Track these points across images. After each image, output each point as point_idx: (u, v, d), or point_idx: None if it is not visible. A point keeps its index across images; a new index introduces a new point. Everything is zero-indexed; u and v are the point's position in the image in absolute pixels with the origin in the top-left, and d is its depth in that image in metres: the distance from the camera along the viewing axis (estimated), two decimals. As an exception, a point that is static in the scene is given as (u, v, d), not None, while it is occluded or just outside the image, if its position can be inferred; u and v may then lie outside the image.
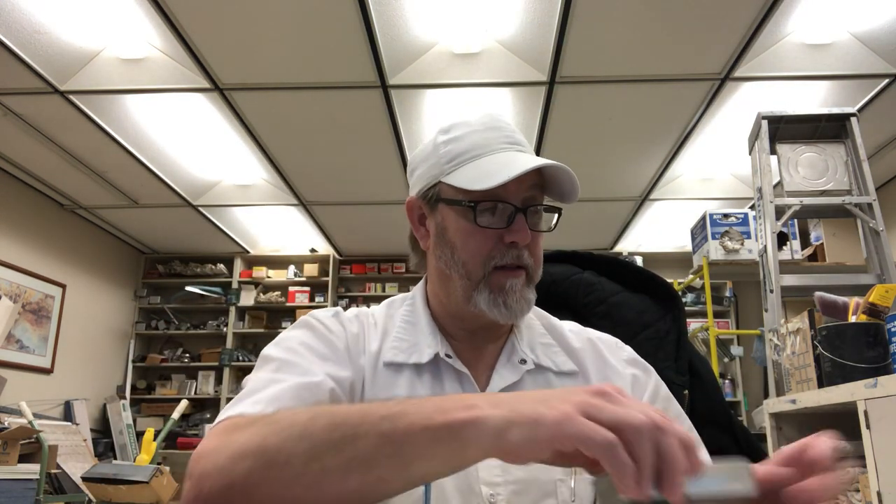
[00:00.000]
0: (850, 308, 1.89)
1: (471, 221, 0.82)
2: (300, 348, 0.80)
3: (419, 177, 0.91)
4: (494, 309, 0.82)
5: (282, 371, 0.75)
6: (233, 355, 6.18)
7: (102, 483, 2.67)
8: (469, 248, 0.83)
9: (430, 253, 0.90)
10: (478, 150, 0.84)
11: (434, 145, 0.88)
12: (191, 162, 4.47)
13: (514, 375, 0.85)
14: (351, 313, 0.91)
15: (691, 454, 0.48)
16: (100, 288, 5.78)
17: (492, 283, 0.83)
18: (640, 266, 1.30)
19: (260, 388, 0.72)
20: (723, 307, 6.00)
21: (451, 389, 0.84)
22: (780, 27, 3.08)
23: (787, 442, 2.00)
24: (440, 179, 0.86)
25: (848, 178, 2.57)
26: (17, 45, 3.11)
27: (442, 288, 0.88)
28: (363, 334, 0.88)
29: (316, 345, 0.82)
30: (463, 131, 0.87)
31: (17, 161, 4.39)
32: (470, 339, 0.89)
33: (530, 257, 0.84)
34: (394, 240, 6.14)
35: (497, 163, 0.82)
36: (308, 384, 0.74)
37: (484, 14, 3.00)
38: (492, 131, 0.86)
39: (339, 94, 3.59)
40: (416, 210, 0.92)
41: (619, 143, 4.11)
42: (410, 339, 0.87)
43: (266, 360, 0.79)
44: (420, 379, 0.84)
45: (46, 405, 4.84)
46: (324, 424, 0.56)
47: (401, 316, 0.91)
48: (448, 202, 0.85)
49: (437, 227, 0.88)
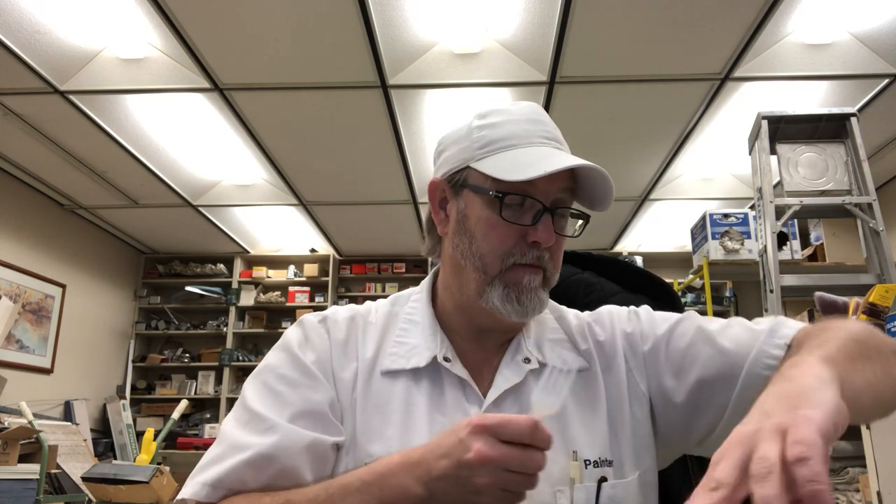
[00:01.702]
0: (850, 308, 1.89)
1: (495, 213, 0.79)
2: (275, 383, 0.80)
3: (447, 158, 0.86)
4: (507, 304, 0.80)
5: (248, 428, 0.77)
6: (233, 355, 6.18)
7: (102, 483, 2.67)
8: (489, 241, 0.80)
9: (447, 240, 0.86)
10: (514, 139, 0.81)
11: (468, 128, 0.84)
12: (191, 162, 4.47)
13: (516, 377, 0.83)
14: (343, 315, 0.88)
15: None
16: (100, 288, 5.78)
17: (507, 278, 0.80)
18: (640, 267, 1.30)
19: (226, 454, 0.75)
20: (723, 307, 6.00)
21: (452, 395, 0.81)
22: (780, 27, 3.08)
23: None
24: (469, 164, 0.82)
25: (848, 178, 2.57)
26: (17, 45, 3.11)
27: (454, 278, 0.85)
28: (354, 339, 0.85)
29: (289, 373, 0.81)
30: (501, 118, 0.83)
31: (17, 161, 4.39)
32: (475, 337, 0.86)
33: (550, 260, 0.82)
34: (394, 240, 6.14)
35: (533, 156, 0.79)
36: (263, 456, 0.74)
37: (484, 14, 3.00)
38: (531, 123, 0.83)
39: (339, 94, 3.59)
40: (438, 192, 0.87)
41: (619, 143, 4.11)
42: (410, 342, 0.85)
43: (241, 402, 0.81)
44: (418, 385, 0.82)
45: (46, 405, 4.84)
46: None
47: (404, 314, 0.89)
48: (474, 189, 0.82)
49: (458, 213, 0.84)
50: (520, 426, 0.62)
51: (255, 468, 0.73)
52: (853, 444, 1.78)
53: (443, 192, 0.87)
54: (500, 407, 0.81)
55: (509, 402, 0.82)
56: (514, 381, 0.82)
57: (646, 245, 6.13)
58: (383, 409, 0.80)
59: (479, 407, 0.81)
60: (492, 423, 0.62)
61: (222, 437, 0.78)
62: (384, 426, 0.79)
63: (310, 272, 6.37)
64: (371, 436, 0.79)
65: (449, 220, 0.86)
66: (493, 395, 0.81)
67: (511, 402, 0.82)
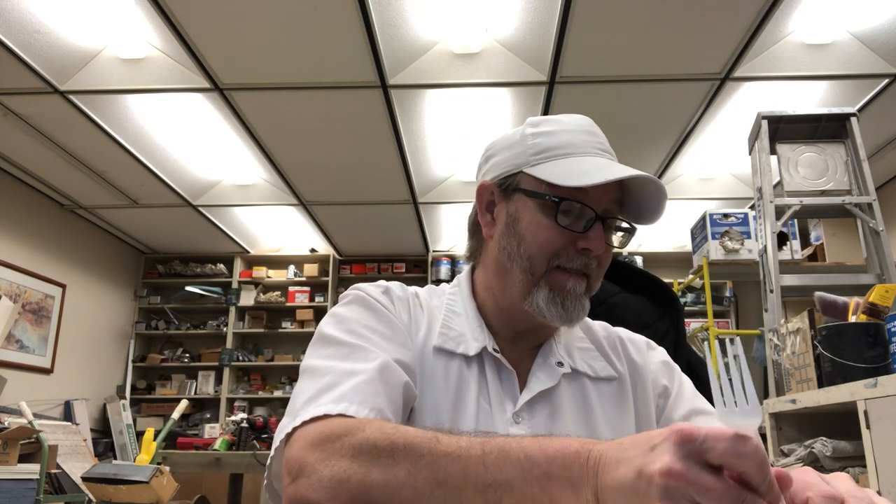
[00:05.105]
0: (850, 308, 1.89)
1: (549, 217, 0.80)
2: (364, 331, 0.78)
3: (497, 163, 0.87)
4: (552, 308, 0.80)
5: (353, 359, 0.74)
6: (233, 355, 6.18)
7: (102, 483, 2.67)
8: (538, 242, 0.81)
9: (493, 242, 0.87)
10: (570, 148, 0.83)
11: (521, 135, 0.86)
12: (191, 162, 4.47)
13: (551, 380, 0.84)
14: (396, 293, 0.88)
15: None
16: (100, 288, 5.78)
17: (552, 281, 0.81)
18: (640, 267, 1.30)
19: (337, 380, 0.71)
20: (723, 307, 6.00)
21: (493, 386, 0.82)
22: (780, 27, 3.08)
23: (788, 442, 2.01)
24: (523, 169, 0.83)
25: (848, 178, 2.56)
26: (17, 45, 3.11)
27: (498, 280, 0.86)
28: (415, 314, 0.86)
29: (378, 326, 0.80)
30: (555, 127, 0.85)
31: (17, 161, 4.39)
32: (512, 338, 0.87)
33: (597, 268, 0.82)
34: (394, 240, 6.14)
35: (590, 164, 0.81)
36: (383, 371, 0.72)
37: (484, 14, 3.00)
38: (586, 134, 0.85)
39: (339, 94, 3.59)
40: (486, 195, 0.88)
41: (618, 143, 4.08)
42: (457, 329, 0.86)
43: (330, 342, 0.77)
44: (469, 370, 0.83)
45: (46, 405, 4.84)
46: (426, 477, 0.56)
47: (446, 304, 0.89)
48: (528, 193, 0.83)
49: (508, 216, 0.85)
50: (737, 450, 0.46)
51: (374, 389, 0.70)
52: (853, 444, 1.78)
53: (491, 194, 0.88)
54: (532, 408, 0.82)
55: (541, 404, 0.83)
56: (549, 385, 0.83)
57: (646, 245, 6.13)
58: (437, 386, 0.81)
59: (514, 404, 0.82)
60: (698, 435, 0.47)
61: (322, 371, 0.73)
62: (437, 402, 0.79)
63: (310, 272, 6.37)
64: (424, 409, 0.79)
65: (496, 223, 0.87)
66: (527, 396, 0.82)
67: (543, 404, 0.83)
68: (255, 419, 3.72)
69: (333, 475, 0.58)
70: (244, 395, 6.10)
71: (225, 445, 3.52)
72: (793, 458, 1.90)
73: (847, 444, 1.80)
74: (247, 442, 3.55)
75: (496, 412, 0.80)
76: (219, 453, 3.46)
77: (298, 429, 0.65)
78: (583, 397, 0.85)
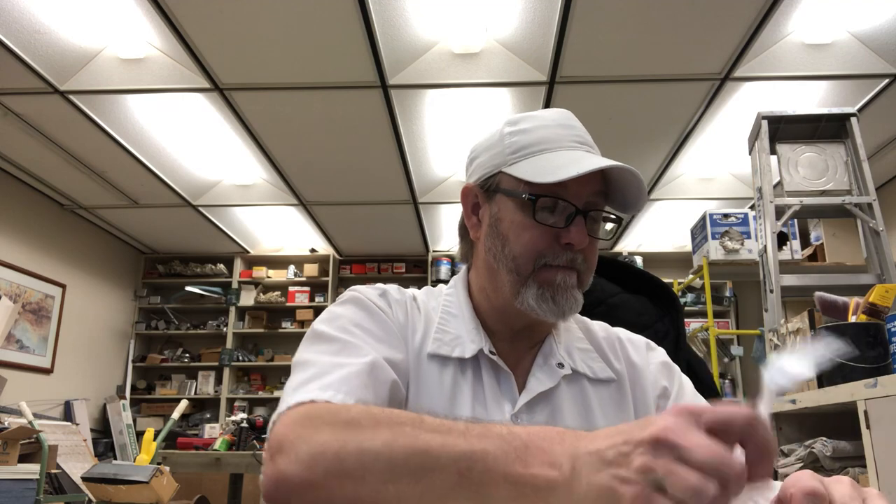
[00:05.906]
0: (850, 308, 1.89)
1: (528, 216, 0.80)
2: (356, 329, 0.78)
3: (479, 165, 0.87)
4: (543, 304, 0.80)
5: (343, 354, 0.74)
6: (233, 355, 6.18)
7: (102, 483, 2.67)
8: (521, 243, 0.80)
9: (480, 244, 0.87)
10: (545, 144, 0.82)
11: (500, 135, 0.85)
12: (191, 162, 4.47)
13: (550, 380, 0.83)
14: (394, 295, 0.88)
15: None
16: (100, 288, 5.78)
17: (540, 278, 0.80)
18: (640, 268, 1.30)
19: (326, 371, 0.71)
20: (723, 307, 6.00)
21: (490, 389, 0.82)
22: (780, 27, 3.08)
23: (788, 442, 2.01)
24: (501, 169, 0.83)
25: (848, 178, 2.57)
26: (17, 45, 3.11)
27: (489, 281, 0.86)
28: (412, 317, 0.86)
29: (371, 326, 0.80)
30: (532, 124, 0.84)
31: (17, 161, 4.39)
32: (510, 338, 0.87)
33: (584, 262, 0.82)
34: (394, 240, 6.14)
35: (565, 158, 0.80)
36: (372, 367, 0.72)
37: (484, 14, 3.00)
38: (562, 128, 0.84)
39: (339, 94, 3.59)
40: (471, 198, 0.89)
41: (618, 143, 4.10)
42: (452, 331, 0.85)
43: (321, 338, 0.77)
44: (463, 375, 0.82)
45: (46, 405, 4.84)
46: (403, 446, 0.55)
47: (442, 306, 0.89)
48: (507, 193, 0.83)
49: (491, 217, 0.85)
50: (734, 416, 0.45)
51: (361, 382, 0.70)
52: (853, 444, 1.78)
53: (475, 197, 0.88)
54: (532, 410, 0.81)
55: (541, 405, 0.82)
56: (549, 386, 0.83)
57: (646, 245, 6.13)
58: (431, 392, 0.80)
59: (512, 405, 0.81)
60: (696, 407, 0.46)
61: (312, 363, 0.73)
62: (431, 408, 0.79)
63: (310, 272, 6.37)
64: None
65: (482, 225, 0.87)
66: (526, 398, 0.82)
67: (542, 405, 0.82)
68: (255, 419, 3.72)
69: (310, 449, 0.58)
70: (244, 395, 6.10)
71: (225, 445, 3.52)
72: (793, 458, 1.90)
73: (847, 444, 1.80)
74: (247, 442, 3.56)
75: (493, 415, 0.80)
76: (219, 453, 3.46)
77: (283, 414, 0.66)
78: (583, 399, 0.84)
